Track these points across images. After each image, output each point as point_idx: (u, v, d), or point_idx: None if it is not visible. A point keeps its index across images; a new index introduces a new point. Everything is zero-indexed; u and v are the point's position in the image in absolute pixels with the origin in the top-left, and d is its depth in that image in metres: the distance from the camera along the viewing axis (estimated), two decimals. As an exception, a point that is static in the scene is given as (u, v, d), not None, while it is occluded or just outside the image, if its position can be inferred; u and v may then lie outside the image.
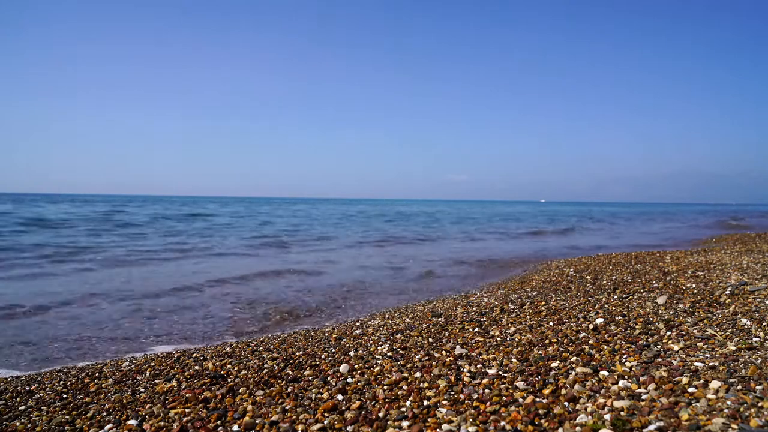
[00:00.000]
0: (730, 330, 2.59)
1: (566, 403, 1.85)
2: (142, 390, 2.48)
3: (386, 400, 2.06)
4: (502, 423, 1.74)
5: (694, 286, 3.96)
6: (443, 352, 2.69)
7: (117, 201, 50.20)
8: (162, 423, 2.01)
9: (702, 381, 1.90)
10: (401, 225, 21.14)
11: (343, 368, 2.53)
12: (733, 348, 2.27)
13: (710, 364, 2.08)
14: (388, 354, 2.77)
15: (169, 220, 21.16)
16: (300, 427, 1.87)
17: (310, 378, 2.45)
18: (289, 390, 2.29)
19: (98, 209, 28.02)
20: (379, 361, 2.64)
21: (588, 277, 5.13)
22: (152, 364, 2.96)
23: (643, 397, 1.83)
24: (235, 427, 1.92)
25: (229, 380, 2.52)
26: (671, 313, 3.10)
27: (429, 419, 1.83)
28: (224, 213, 28.96)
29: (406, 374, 2.36)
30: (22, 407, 2.36)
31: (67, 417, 2.18)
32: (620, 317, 3.10)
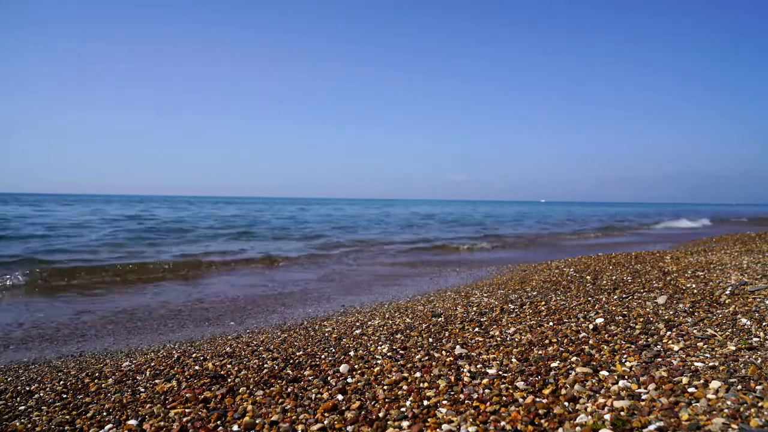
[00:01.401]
0: (730, 330, 2.59)
1: (566, 403, 1.85)
2: (142, 390, 2.48)
3: (386, 400, 2.06)
4: (502, 423, 1.74)
5: (694, 286, 3.96)
6: (443, 352, 2.69)
7: (129, 201, 49.23)
8: (162, 423, 2.01)
9: (702, 381, 1.90)
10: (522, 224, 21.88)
11: (343, 368, 2.53)
12: (733, 348, 2.27)
13: (710, 364, 2.08)
14: (388, 354, 2.77)
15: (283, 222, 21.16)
16: (300, 427, 1.87)
17: (310, 378, 2.45)
18: (289, 390, 2.29)
19: (133, 212, 26.51)
20: (379, 361, 2.64)
21: (588, 277, 5.13)
22: (152, 364, 2.97)
23: (643, 397, 1.82)
24: (235, 427, 1.92)
25: (229, 380, 2.52)
26: (671, 313, 3.10)
27: (429, 419, 1.83)
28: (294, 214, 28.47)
29: (406, 374, 2.36)
30: (22, 407, 2.36)
31: (67, 417, 2.18)
32: (620, 317, 3.10)
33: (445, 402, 1.97)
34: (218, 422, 1.99)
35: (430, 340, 3.02)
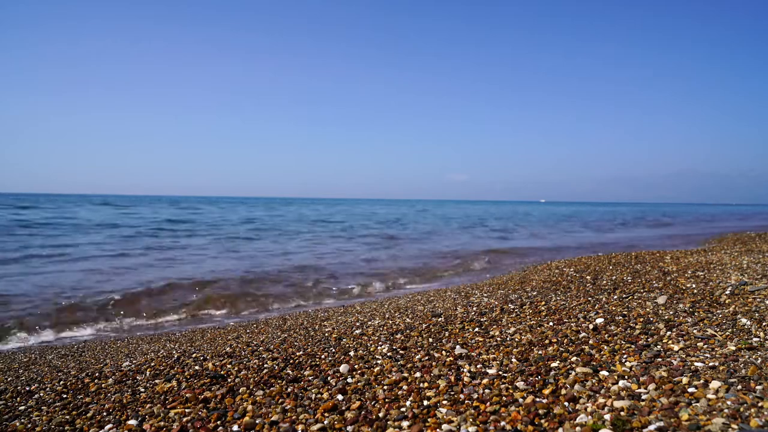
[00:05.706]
0: (730, 330, 2.59)
1: (566, 403, 1.85)
2: (142, 390, 2.48)
3: (386, 400, 2.06)
4: (502, 423, 1.74)
5: (694, 286, 3.96)
6: (443, 352, 2.69)
7: (138, 202, 49.11)
8: (162, 423, 2.01)
9: (702, 381, 1.90)
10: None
11: (343, 368, 2.53)
12: (733, 348, 2.27)
13: (710, 364, 2.08)
14: (388, 354, 2.77)
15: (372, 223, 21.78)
16: (300, 427, 1.87)
17: (310, 378, 2.45)
18: (289, 390, 2.29)
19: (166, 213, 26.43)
20: (379, 361, 2.64)
21: (588, 277, 5.13)
22: (152, 364, 2.96)
23: (643, 397, 1.82)
24: (235, 427, 1.92)
25: (229, 380, 2.52)
26: (671, 313, 3.10)
27: (429, 419, 1.83)
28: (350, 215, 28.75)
29: (406, 374, 2.36)
30: (22, 407, 2.36)
31: (67, 417, 2.18)
32: (620, 317, 3.10)
33: (445, 402, 1.97)
34: (218, 422, 1.99)
35: (430, 340, 3.02)
